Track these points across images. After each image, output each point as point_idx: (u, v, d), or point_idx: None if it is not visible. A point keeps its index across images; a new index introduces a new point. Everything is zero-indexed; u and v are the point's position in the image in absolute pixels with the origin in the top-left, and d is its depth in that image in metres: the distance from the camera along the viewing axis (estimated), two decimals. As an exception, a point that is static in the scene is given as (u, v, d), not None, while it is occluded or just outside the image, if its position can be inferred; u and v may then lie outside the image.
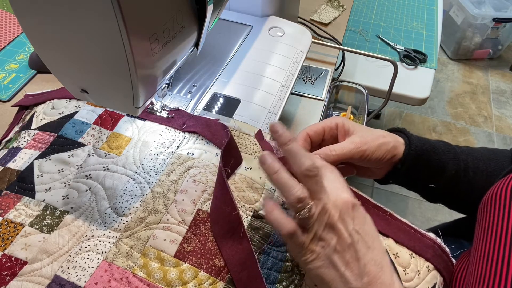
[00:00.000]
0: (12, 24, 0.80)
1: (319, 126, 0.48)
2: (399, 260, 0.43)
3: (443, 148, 0.50)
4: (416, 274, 0.42)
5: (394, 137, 0.48)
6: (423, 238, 0.44)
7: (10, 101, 0.65)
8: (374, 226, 0.37)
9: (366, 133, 0.47)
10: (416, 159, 0.48)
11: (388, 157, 0.47)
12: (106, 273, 0.37)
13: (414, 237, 0.44)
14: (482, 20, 2.01)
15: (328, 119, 0.49)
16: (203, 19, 0.40)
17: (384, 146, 0.46)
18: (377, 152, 0.46)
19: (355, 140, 0.45)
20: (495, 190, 0.39)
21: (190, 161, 0.44)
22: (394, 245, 0.44)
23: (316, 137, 0.48)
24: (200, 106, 0.53)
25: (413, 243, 0.44)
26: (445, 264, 0.44)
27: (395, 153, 0.48)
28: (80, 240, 0.39)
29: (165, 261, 0.38)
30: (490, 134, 1.90)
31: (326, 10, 1.00)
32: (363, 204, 0.45)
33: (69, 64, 0.35)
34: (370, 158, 0.46)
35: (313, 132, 0.47)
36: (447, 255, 0.45)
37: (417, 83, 1.10)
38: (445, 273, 0.44)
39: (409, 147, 0.48)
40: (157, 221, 0.40)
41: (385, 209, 0.46)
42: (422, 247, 0.44)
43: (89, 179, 0.43)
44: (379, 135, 0.47)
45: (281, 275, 0.40)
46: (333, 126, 0.48)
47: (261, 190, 0.43)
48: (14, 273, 0.36)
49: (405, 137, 0.49)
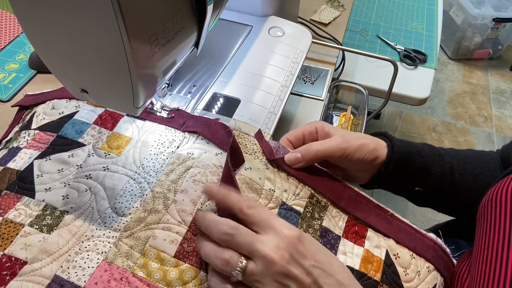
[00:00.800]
0: (12, 24, 0.80)
1: (299, 131, 0.49)
2: (400, 261, 0.43)
3: (427, 150, 0.50)
4: (416, 275, 0.42)
5: (375, 140, 0.48)
6: (424, 238, 0.44)
7: (10, 101, 0.65)
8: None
9: (346, 133, 0.47)
10: (399, 162, 0.48)
11: (370, 158, 0.47)
12: (106, 273, 0.37)
13: (415, 237, 0.44)
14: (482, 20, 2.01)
15: (307, 124, 0.50)
16: (203, 19, 0.40)
17: (365, 147, 0.47)
18: (358, 153, 0.46)
19: (336, 139, 0.46)
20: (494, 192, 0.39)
21: (190, 161, 0.44)
22: (395, 245, 0.44)
23: (296, 142, 0.48)
24: (200, 106, 0.53)
25: (413, 244, 0.44)
26: (445, 264, 0.44)
27: (377, 154, 0.48)
28: (80, 240, 0.39)
29: (165, 261, 0.38)
30: (490, 134, 1.90)
31: (326, 10, 1.00)
32: (364, 204, 0.45)
33: (69, 64, 0.35)
34: (352, 157, 0.46)
35: (292, 137, 0.48)
36: (448, 256, 0.45)
37: (417, 83, 1.10)
38: (446, 273, 0.44)
39: (391, 149, 0.48)
40: (157, 221, 0.40)
41: (386, 209, 0.46)
42: (422, 248, 0.44)
43: (89, 179, 0.43)
44: (360, 136, 0.48)
45: None
46: (312, 130, 0.49)
47: (260, 191, 0.43)
48: (14, 273, 0.36)
49: (387, 140, 0.49)
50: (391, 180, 0.50)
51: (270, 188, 0.44)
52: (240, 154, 0.45)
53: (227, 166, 0.42)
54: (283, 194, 0.44)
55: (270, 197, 0.43)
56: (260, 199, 0.43)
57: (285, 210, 0.43)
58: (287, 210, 0.43)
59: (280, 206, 0.43)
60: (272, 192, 0.44)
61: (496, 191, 0.39)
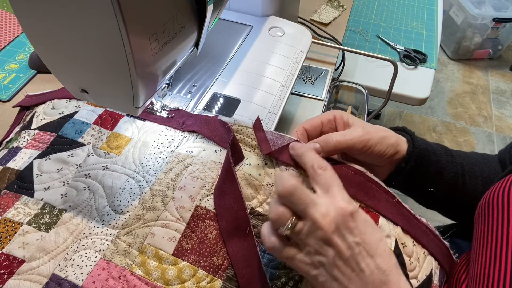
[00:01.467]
0: (12, 24, 0.80)
1: (317, 119, 0.46)
2: (406, 250, 0.41)
3: (440, 150, 0.49)
4: (417, 262, 0.41)
5: (395, 134, 0.47)
6: (419, 224, 0.43)
7: (10, 101, 0.65)
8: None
9: (367, 124, 0.45)
10: (419, 158, 0.47)
11: (390, 153, 0.45)
12: (104, 271, 0.37)
13: (413, 223, 0.43)
14: (482, 20, 2.01)
15: (326, 113, 0.47)
16: (203, 19, 0.40)
17: (387, 139, 0.45)
18: (379, 145, 0.44)
19: (357, 130, 0.44)
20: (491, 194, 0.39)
21: (189, 159, 0.44)
22: (402, 234, 0.42)
23: (313, 131, 0.46)
24: (200, 106, 0.53)
25: (414, 230, 0.43)
26: (438, 248, 0.44)
27: (398, 149, 0.46)
28: (78, 238, 0.39)
29: (163, 259, 0.38)
30: (490, 134, 1.90)
31: (326, 10, 1.00)
32: (376, 190, 0.43)
33: (69, 64, 0.35)
34: (373, 150, 0.44)
35: (309, 125, 0.46)
36: (439, 238, 0.44)
37: (417, 83, 1.10)
38: (439, 257, 0.43)
39: (413, 145, 0.46)
40: (155, 218, 0.40)
41: (393, 194, 0.44)
42: (419, 233, 0.43)
43: (88, 178, 0.43)
44: (381, 128, 0.46)
45: (278, 271, 0.40)
46: (331, 118, 0.46)
47: (260, 187, 0.43)
48: (11, 271, 0.36)
49: (407, 135, 0.48)
50: (409, 177, 0.48)
51: (268, 183, 0.43)
52: (239, 150, 0.44)
53: (228, 161, 0.42)
54: None
55: (269, 192, 0.43)
56: (259, 195, 0.43)
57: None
58: None
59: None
60: (271, 186, 0.44)
61: (494, 192, 0.39)
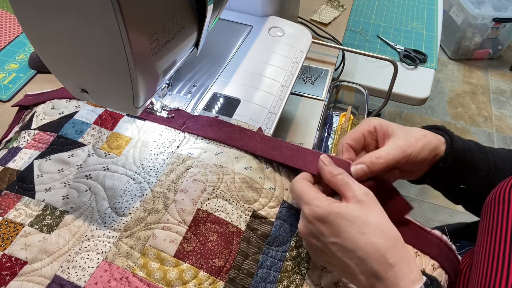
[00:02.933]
0: (12, 24, 0.80)
1: (358, 133, 0.46)
2: None
3: (475, 148, 0.49)
4: None
5: (434, 136, 0.47)
6: (428, 235, 0.44)
7: (10, 101, 0.65)
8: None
9: (407, 134, 0.45)
10: (456, 158, 0.47)
11: (431, 157, 0.46)
12: (106, 273, 0.37)
13: (419, 234, 0.43)
14: (482, 20, 2.01)
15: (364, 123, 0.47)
16: (203, 19, 0.40)
17: (427, 145, 0.45)
18: (421, 154, 0.44)
19: (399, 144, 0.44)
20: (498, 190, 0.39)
21: (190, 161, 0.44)
22: None
23: (357, 145, 0.46)
24: (200, 106, 0.53)
25: (417, 241, 0.43)
26: (450, 262, 0.44)
27: (437, 152, 0.46)
28: (80, 240, 0.39)
29: (165, 261, 0.38)
30: (490, 134, 1.90)
31: (326, 10, 1.00)
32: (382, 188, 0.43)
33: (69, 64, 0.35)
34: (415, 160, 0.44)
35: (352, 140, 0.46)
36: (453, 253, 0.44)
37: (417, 83, 1.10)
38: (451, 271, 0.43)
39: (451, 145, 0.46)
40: (157, 221, 0.40)
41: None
42: (427, 245, 0.43)
43: (89, 179, 0.43)
44: (421, 135, 0.45)
45: (281, 274, 0.40)
46: (371, 129, 0.46)
47: (261, 190, 0.43)
48: (14, 273, 0.36)
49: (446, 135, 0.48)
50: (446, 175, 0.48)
51: (270, 187, 0.44)
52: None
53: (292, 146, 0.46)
54: (284, 193, 0.44)
55: (271, 196, 0.43)
56: (260, 198, 0.43)
57: (286, 208, 0.43)
58: (288, 208, 0.43)
59: (281, 205, 0.43)
60: (273, 191, 0.44)
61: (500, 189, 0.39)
